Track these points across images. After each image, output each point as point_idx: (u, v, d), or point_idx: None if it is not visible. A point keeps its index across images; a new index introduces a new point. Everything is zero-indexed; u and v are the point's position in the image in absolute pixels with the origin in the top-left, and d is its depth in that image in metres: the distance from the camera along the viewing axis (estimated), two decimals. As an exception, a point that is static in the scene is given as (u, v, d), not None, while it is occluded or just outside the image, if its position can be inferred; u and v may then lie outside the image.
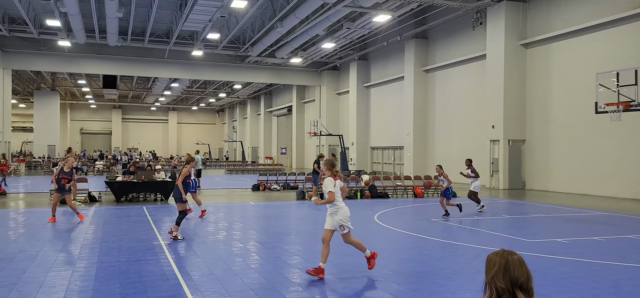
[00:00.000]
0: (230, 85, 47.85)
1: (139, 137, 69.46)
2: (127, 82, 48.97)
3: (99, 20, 26.44)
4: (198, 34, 29.80)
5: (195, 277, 7.67)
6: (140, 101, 64.50)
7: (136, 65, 35.13)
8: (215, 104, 65.91)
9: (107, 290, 6.89)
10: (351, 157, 35.73)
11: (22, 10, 23.97)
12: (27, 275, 7.66)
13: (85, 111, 67.62)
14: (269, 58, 34.28)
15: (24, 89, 48.63)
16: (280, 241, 10.91)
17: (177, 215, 10.77)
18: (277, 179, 24.28)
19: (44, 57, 33.08)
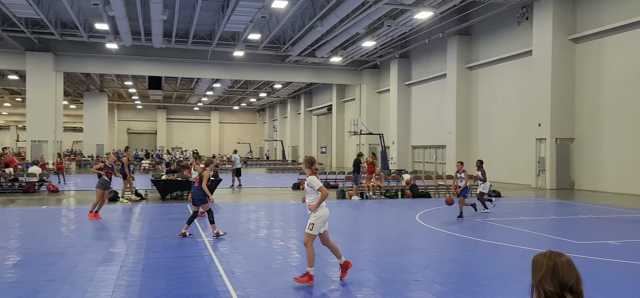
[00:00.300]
0: (270, 84, 48.31)
1: (182, 136, 71.08)
2: (171, 83, 50.19)
3: (145, 23, 27.19)
4: (239, 34, 30.22)
5: (238, 274, 7.77)
6: (184, 101, 65.97)
7: (180, 67, 35.94)
8: (256, 103, 66.69)
9: (153, 285, 7.07)
10: (392, 156, 35.44)
11: (73, 15, 24.93)
12: (78, 269, 7.95)
13: (131, 111, 69.74)
14: (309, 57, 34.41)
15: (74, 90, 50.59)
16: (321, 240, 10.92)
17: (207, 215, 11.05)
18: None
19: (93, 59, 34.31)
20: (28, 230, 11.77)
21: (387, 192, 20.18)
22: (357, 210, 16.47)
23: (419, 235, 11.75)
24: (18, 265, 8.17)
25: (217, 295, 6.73)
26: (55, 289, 6.77)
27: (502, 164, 26.64)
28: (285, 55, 34.43)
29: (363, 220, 14.32)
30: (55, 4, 25.64)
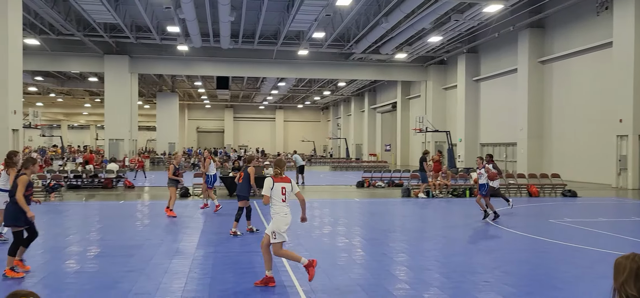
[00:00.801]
0: (334, 82, 48.48)
1: (248, 134, 72.83)
2: (238, 83, 51.53)
3: (213, 25, 28.07)
4: (304, 33, 30.53)
5: (303, 270, 7.83)
6: (250, 100, 67.55)
7: (246, 66, 36.82)
8: (320, 101, 67.17)
9: (222, 278, 7.27)
10: (459, 154, 34.54)
11: (147, 19, 26.16)
12: (153, 262, 8.32)
13: (200, 111, 72.28)
14: (373, 54, 34.19)
15: (148, 91, 53.11)
16: (386, 238, 10.81)
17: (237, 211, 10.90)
18: (382, 176, 24.13)
19: (165, 61, 35.86)
20: (107, 224, 12.47)
21: (454, 191, 19.69)
22: (423, 208, 16.17)
23: (488, 235, 11.36)
24: (99, 256, 8.66)
25: (283, 289, 6.82)
26: (133, 280, 7.11)
27: (578, 163, 25.26)
28: (349, 52, 34.41)
29: (429, 219, 14.04)
30: (130, 9, 27.01)
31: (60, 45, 33.03)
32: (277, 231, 6.82)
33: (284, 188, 6.91)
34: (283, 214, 6.85)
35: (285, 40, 31.35)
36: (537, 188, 19.90)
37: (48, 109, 66.06)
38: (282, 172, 7.03)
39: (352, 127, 58.38)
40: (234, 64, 36.25)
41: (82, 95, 56.42)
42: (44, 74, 43.22)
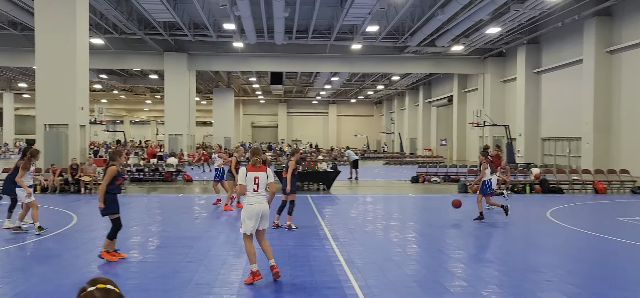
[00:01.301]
0: (388, 76, 47.97)
1: (302, 129, 73.38)
2: (291, 78, 51.96)
3: (268, 21, 28.38)
4: (357, 27, 30.33)
5: (358, 265, 7.80)
6: (303, 95, 68.01)
7: (300, 62, 37.04)
8: (373, 96, 66.71)
9: (280, 271, 7.33)
10: (518, 149, 33.35)
11: (204, 17, 26.80)
12: (212, 253, 8.53)
13: (255, 106, 73.50)
14: (429, 47, 33.52)
15: (205, 87, 54.51)
16: (442, 234, 10.60)
17: (288, 206, 10.81)
18: (437, 171, 23.68)
19: (221, 57, 36.64)
20: (167, 216, 12.89)
21: (513, 187, 19.04)
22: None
23: (550, 233, 10.90)
24: (160, 247, 8.97)
25: (338, 284, 6.81)
26: (193, 270, 7.32)
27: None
28: (403, 46, 33.92)
29: (488, 215, 13.62)
30: (188, 7, 27.76)
31: (123, 44, 34.43)
32: (242, 220, 6.73)
33: (257, 177, 6.71)
34: (249, 203, 6.67)
35: (339, 34, 31.27)
36: (604, 184, 18.92)
37: (112, 106, 69.15)
38: (258, 161, 6.84)
39: (406, 121, 57.61)
40: (287, 59, 36.57)
41: (143, 92, 58.63)
42: (108, 71, 45.21)
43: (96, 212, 13.02)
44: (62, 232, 10.24)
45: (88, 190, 17.70)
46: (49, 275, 7.01)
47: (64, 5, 19.08)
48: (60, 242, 9.31)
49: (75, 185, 17.73)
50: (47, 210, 13.21)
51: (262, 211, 6.68)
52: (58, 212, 12.92)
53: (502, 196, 13.78)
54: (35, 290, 6.32)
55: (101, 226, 10.99)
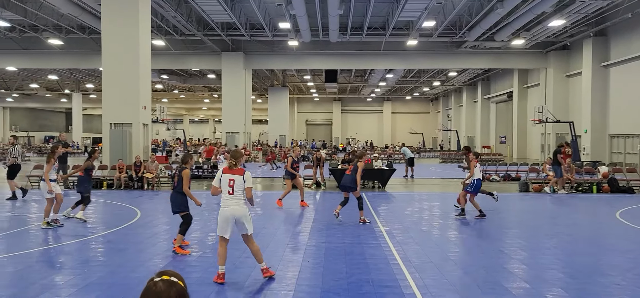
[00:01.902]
0: (444, 72, 46.99)
1: (356, 127, 73.18)
2: (346, 75, 51.89)
3: (322, 19, 28.46)
4: (413, 23, 29.87)
5: (415, 264, 7.68)
6: (357, 93, 67.77)
7: (354, 59, 36.92)
8: (429, 92, 65.56)
9: (335, 268, 7.34)
10: (584, 146, 31.79)
11: (260, 16, 27.22)
12: (269, 249, 8.64)
13: (309, 104, 73.97)
14: (487, 42, 32.53)
15: (260, 86, 55.40)
16: (502, 234, 10.26)
17: (357, 201, 11.28)
18: (497, 169, 22.96)
19: (277, 56, 37.12)
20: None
21: (578, 186, 18.18)
22: (544, 204, 15.11)
23: (620, 235, 10.32)
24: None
25: (395, 282, 6.73)
26: (251, 266, 7.44)
27: None
28: (461, 41, 33.10)
29: (551, 215, 13.08)
30: (245, 7, 28.28)
31: (183, 45, 35.55)
32: (217, 222, 6.59)
33: (232, 180, 6.49)
34: (223, 207, 6.50)
35: (394, 31, 30.92)
36: (680, 184, 17.73)
37: (172, 105, 71.60)
38: (237, 164, 6.64)
39: (464, 118, 56.23)
40: (342, 57, 36.56)
41: (202, 91, 60.30)
42: (169, 72, 46.83)
43: (158, 208, 13.55)
44: (127, 227, 10.69)
45: (151, 186, 18.39)
46: (115, 267, 7.33)
47: (128, 9, 19.91)
48: (126, 236, 9.71)
49: (139, 181, 18.47)
50: (113, 206, 13.85)
51: (235, 216, 6.42)
52: (123, 207, 13.51)
53: (492, 197, 13.15)
54: (104, 281, 6.63)
55: (163, 221, 11.40)
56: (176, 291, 2.13)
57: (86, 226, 10.67)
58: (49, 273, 7.07)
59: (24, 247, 8.65)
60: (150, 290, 2.12)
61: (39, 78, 51.26)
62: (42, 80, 52.45)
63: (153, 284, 2.13)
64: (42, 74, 47.94)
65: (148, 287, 2.14)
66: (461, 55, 35.91)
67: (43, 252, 8.35)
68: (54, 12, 26.96)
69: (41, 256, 8.04)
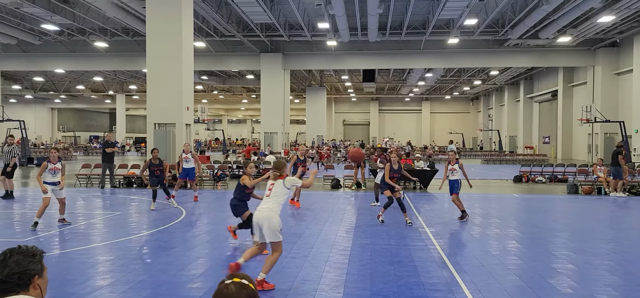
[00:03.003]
0: (486, 71, 45.97)
1: (394, 127, 72.55)
2: (384, 75, 51.49)
3: (361, 18, 28.26)
4: (454, 21, 29.33)
5: (466, 268, 7.46)
6: (395, 93, 67.17)
7: (393, 58, 36.56)
8: (470, 92, 64.33)
9: (382, 270, 7.20)
10: (634, 147, 30.48)
11: (299, 17, 27.27)
12: (315, 250, 8.57)
13: (346, 104, 73.78)
14: (531, 39, 31.59)
15: (298, 86, 55.62)
16: (553, 237, 9.89)
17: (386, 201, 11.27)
18: (542, 170, 22.25)
19: (315, 56, 37.12)
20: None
21: (632, 188, 17.40)
22: (597, 206, 14.51)
23: (683, 241, 9.77)
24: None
25: (447, 286, 6.54)
26: (298, 266, 7.38)
27: None
28: (503, 39, 32.29)
29: (602, 219, 12.54)
30: (284, 8, 28.39)
31: (223, 47, 36.01)
32: None
33: (273, 184, 6.60)
34: (257, 209, 6.49)
35: (434, 29, 30.42)
36: None
37: (211, 105, 72.74)
38: (281, 173, 6.68)
39: (506, 117, 54.90)
40: (380, 56, 36.27)
41: (240, 91, 61.01)
42: (208, 73, 47.56)
43: (202, 207, 13.69)
44: (174, 225, 10.83)
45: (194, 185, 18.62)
46: (164, 265, 7.40)
47: (171, 11, 20.26)
48: (172, 234, 9.83)
49: (182, 180, 18.73)
50: (158, 204, 14.08)
51: (258, 221, 6.36)
52: (168, 205, 13.72)
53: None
54: (155, 279, 6.69)
55: (207, 220, 11.50)
56: (247, 293, 2.13)
57: (133, 224, 10.86)
58: (100, 270, 7.19)
59: (70, 245, 8.85)
60: (222, 293, 2.11)
61: (85, 80, 52.97)
62: (88, 81, 54.18)
63: (224, 287, 2.13)
64: (88, 75, 49.50)
65: (219, 290, 2.12)
66: (503, 53, 35.04)
67: (91, 249, 8.52)
68: (100, 15, 27.74)
69: (89, 253, 8.20)
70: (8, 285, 2.14)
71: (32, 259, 2.22)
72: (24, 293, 2.17)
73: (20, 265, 2.18)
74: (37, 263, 2.24)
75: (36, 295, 2.20)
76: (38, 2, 24.45)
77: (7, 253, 2.20)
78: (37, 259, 2.25)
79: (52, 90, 57.90)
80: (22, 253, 2.21)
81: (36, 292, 2.21)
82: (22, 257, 2.20)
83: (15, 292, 2.15)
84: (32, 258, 2.22)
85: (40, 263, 2.25)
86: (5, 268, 2.15)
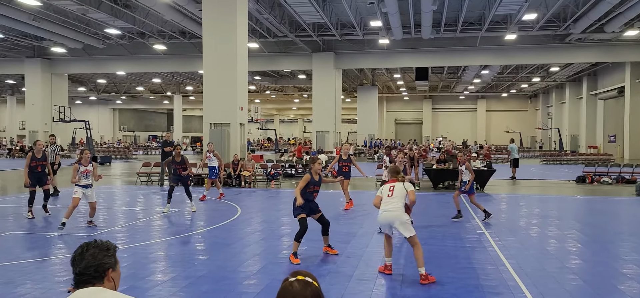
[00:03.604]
0: (545, 68, 44.24)
1: (447, 126, 71.14)
2: (437, 73, 50.59)
3: (415, 16, 27.86)
4: (512, 16, 28.41)
5: (528, 271, 7.19)
6: (449, 91, 65.87)
7: (448, 56, 35.85)
8: (528, 89, 62.17)
9: (438, 273, 7.04)
10: None
11: (351, 16, 27.22)
12: (369, 249, 8.51)
13: (398, 103, 72.98)
14: (595, 34, 30.14)
15: (349, 85, 55.54)
16: (620, 240, 9.36)
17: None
18: (609, 171, 21.17)
19: (367, 55, 36.96)
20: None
21: None
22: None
23: None
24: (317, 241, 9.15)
25: (508, 290, 6.32)
26: (353, 266, 7.35)
27: None
28: (565, 33, 30.98)
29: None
30: (336, 8, 28.41)
31: (275, 47, 36.48)
32: None
33: (393, 186, 7.08)
34: (381, 211, 6.97)
35: (491, 25, 29.57)
36: None
37: (263, 105, 73.83)
38: (396, 177, 7.31)
39: (567, 116, 52.63)
40: (434, 53, 35.66)
41: (292, 91, 61.61)
42: (261, 73, 48.29)
43: (257, 206, 13.90)
44: (230, 223, 11.04)
45: (248, 184, 18.97)
46: (222, 262, 7.55)
47: (227, 14, 20.67)
48: (229, 231, 10.02)
49: (237, 179, 19.12)
50: (215, 202, 14.41)
51: (389, 220, 6.86)
52: (224, 203, 14.00)
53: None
54: (215, 275, 6.84)
55: (263, 219, 11.64)
56: (312, 291, 2.10)
57: (191, 221, 11.16)
58: (160, 265, 7.42)
59: (132, 241, 9.18)
60: (286, 291, 2.10)
61: (144, 81, 55.04)
62: (147, 83, 56.27)
63: (289, 284, 2.11)
64: (147, 77, 51.40)
65: (284, 288, 2.11)
66: (565, 48, 33.62)
67: (152, 244, 8.81)
68: (159, 19, 28.73)
69: (150, 248, 8.48)
70: (85, 276, 2.24)
71: (106, 253, 2.31)
72: (99, 285, 2.25)
73: (96, 258, 2.27)
74: (111, 256, 2.33)
75: (110, 287, 2.28)
76: (102, 8, 25.60)
77: (84, 247, 2.30)
78: (111, 253, 2.34)
79: (113, 91, 60.57)
80: (97, 247, 2.30)
81: (110, 284, 2.29)
82: (97, 250, 2.29)
83: (92, 283, 2.24)
84: (107, 252, 2.31)
85: (113, 257, 2.34)
86: (83, 261, 2.25)
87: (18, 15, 26.56)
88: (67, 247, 8.53)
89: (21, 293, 5.97)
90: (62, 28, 30.11)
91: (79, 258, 2.27)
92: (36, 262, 7.48)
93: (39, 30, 29.63)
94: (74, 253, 2.30)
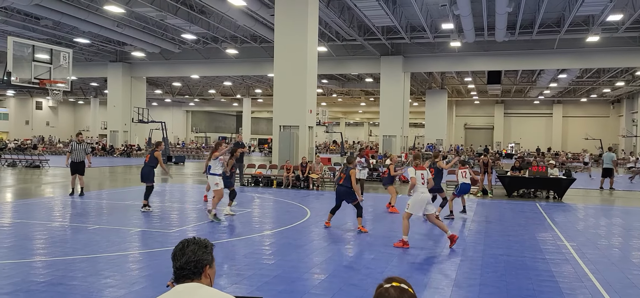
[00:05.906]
0: (630, 71, 41.42)
1: (520, 131, 68.31)
2: (510, 77, 48.70)
3: (488, 18, 26.96)
4: (594, 17, 26.84)
5: (617, 287, 6.73)
6: (523, 95, 63.19)
7: (522, 59, 34.42)
8: (610, 94, 58.48)
9: (520, 285, 6.76)
10: None
11: (422, 18, 26.77)
12: (441, 256, 8.28)
13: (468, 107, 70.90)
14: (688, 34, 27.93)
15: (417, 89, 54.64)
16: None
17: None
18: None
19: (437, 58, 36.19)
20: (378, 214, 13.05)
21: None
22: None
23: None
24: (371, 243, 9.06)
25: (580, 282, 5.95)
26: (424, 271, 7.18)
27: None
28: (653, 35, 28.90)
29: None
30: (406, 11, 28.05)
31: (343, 50, 36.55)
32: (411, 204, 8.84)
33: (423, 174, 8.90)
34: (420, 192, 8.75)
35: (570, 27, 28.07)
36: None
37: (330, 108, 74.16)
38: (420, 162, 9.21)
39: (653, 123, 49.11)
40: (508, 57, 34.36)
41: (359, 94, 61.47)
42: (328, 76, 48.56)
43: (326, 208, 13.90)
44: (301, 224, 11.16)
45: (315, 186, 19.10)
46: (296, 263, 7.63)
47: (298, 19, 20.97)
48: (300, 233, 10.13)
49: (305, 181, 19.32)
50: (284, 204, 14.63)
51: (427, 199, 8.81)
52: (294, 205, 14.19)
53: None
54: (288, 275, 6.92)
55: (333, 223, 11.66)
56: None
57: (263, 222, 11.37)
58: (237, 263, 7.60)
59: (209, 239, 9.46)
60: (382, 297, 2.06)
61: (216, 84, 56.95)
62: (218, 86, 58.18)
63: (384, 291, 2.08)
64: (219, 80, 53.12)
65: (379, 294, 2.08)
66: (654, 51, 31.34)
67: (227, 243, 9.05)
68: (232, 24, 29.60)
69: (225, 247, 8.71)
70: (185, 271, 2.32)
71: (205, 250, 2.38)
72: (197, 280, 2.32)
73: (196, 254, 2.34)
74: (209, 254, 2.40)
75: (207, 283, 2.35)
76: (179, 14, 26.74)
77: (185, 243, 2.38)
78: (208, 250, 2.41)
79: (187, 94, 63.06)
80: (197, 244, 2.38)
81: (206, 281, 2.36)
82: (197, 247, 2.36)
83: (190, 278, 2.31)
84: (205, 249, 2.39)
85: (210, 255, 2.41)
86: (184, 256, 2.33)
87: (104, 22, 28.29)
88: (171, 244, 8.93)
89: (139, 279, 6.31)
90: (142, 33, 31.76)
91: (179, 253, 2.35)
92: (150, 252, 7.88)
93: (122, 35, 31.42)
94: (175, 249, 2.39)
